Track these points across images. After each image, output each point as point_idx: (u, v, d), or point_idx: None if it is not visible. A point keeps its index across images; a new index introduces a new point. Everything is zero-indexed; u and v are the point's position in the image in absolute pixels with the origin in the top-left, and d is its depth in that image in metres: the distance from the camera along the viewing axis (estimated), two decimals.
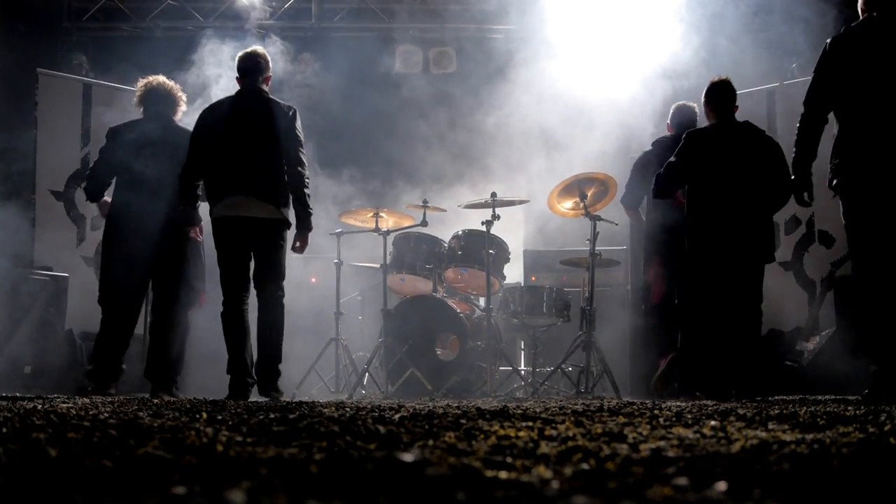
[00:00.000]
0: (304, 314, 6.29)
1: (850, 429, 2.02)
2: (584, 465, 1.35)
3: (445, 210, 6.52)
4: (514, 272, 7.24)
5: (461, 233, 6.37)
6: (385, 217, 6.32)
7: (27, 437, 1.73)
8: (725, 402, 4.04)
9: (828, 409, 2.97)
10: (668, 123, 5.81)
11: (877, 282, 3.91)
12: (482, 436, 1.84)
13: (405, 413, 2.79)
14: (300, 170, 4.71)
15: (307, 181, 4.75)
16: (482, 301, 6.47)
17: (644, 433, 1.93)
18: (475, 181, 7.76)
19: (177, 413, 2.79)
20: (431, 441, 1.72)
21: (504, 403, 4.09)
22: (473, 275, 6.33)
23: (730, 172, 4.58)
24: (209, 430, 1.92)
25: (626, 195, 5.73)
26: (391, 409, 3.12)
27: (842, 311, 5.89)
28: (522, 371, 6.67)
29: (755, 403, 3.91)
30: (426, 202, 6.13)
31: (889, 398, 3.73)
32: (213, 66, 6.97)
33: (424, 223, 6.13)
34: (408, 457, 1.40)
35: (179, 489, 1.06)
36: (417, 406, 3.59)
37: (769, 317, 6.40)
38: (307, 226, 4.76)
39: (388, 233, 6.26)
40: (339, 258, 6.48)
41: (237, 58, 4.90)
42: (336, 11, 8.83)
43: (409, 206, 6.39)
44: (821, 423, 2.21)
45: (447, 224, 6.80)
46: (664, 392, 5.02)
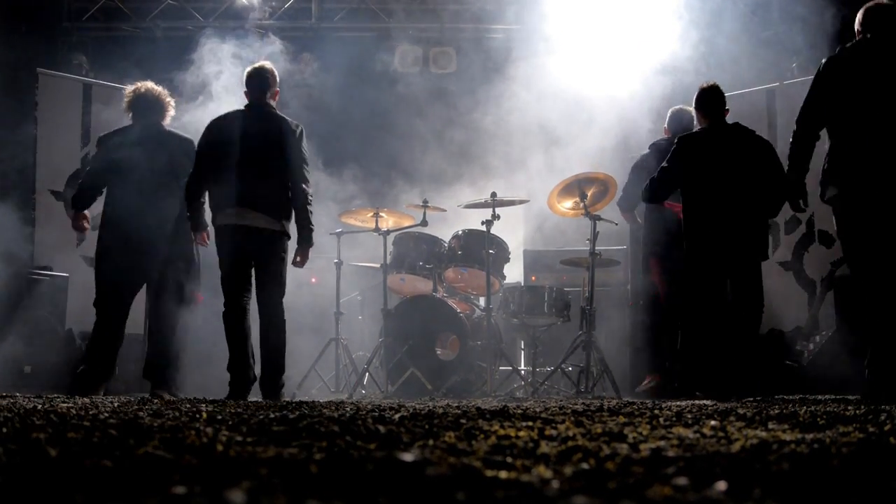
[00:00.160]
0: (305, 314, 6.28)
1: (850, 429, 2.02)
2: (584, 465, 1.36)
3: (445, 210, 6.52)
4: (514, 272, 7.23)
5: (461, 233, 6.37)
6: (385, 217, 6.31)
7: (27, 437, 1.73)
8: (725, 403, 4.06)
9: (828, 409, 2.97)
10: (665, 127, 5.86)
11: (873, 289, 4.05)
12: (482, 436, 1.84)
13: (405, 413, 2.79)
14: (304, 187, 4.80)
15: (310, 198, 4.84)
16: (482, 301, 6.46)
17: (644, 433, 1.93)
18: (475, 181, 7.76)
19: (177, 413, 2.79)
20: (431, 441, 1.72)
21: (504, 403, 4.09)
22: (473, 275, 6.33)
23: (722, 174, 4.65)
24: (209, 430, 1.92)
25: (623, 198, 5.80)
26: (391, 409, 3.12)
27: (842, 311, 5.90)
28: (522, 371, 6.67)
29: (755, 403, 3.91)
30: (426, 202, 6.13)
31: (886, 399, 3.83)
32: (213, 67, 6.97)
33: (424, 223, 6.12)
34: (408, 457, 1.40)
35: (179, 489, 1.06)
36: (417, 406, 3.59)
37: (769, 317, 6.40)
38: (308, 241, 4.85)
39: (388, 233, 6.26)
40: (339, 258, 6.48)
41: (245, 72, 4.98)
42: (336, 11, 8.83)
43: (409, 206, 6.38)
44: (821, 423, 2.21)
45: (447, 224, 6.80)
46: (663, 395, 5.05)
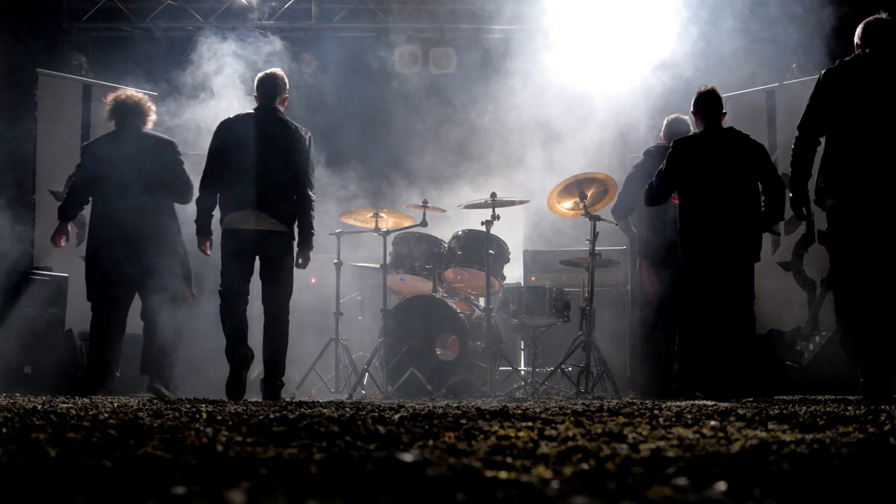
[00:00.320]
0: (304, 314, 6.27)
1: (850, 429, 2.02)
2: (584, 465, 1.36)
3: (445, 210, 6.51)
4: (514, 272, 7.22)
5: (461, 233, 6.37)
6: (385, 217, 6.31)
7: (27, 437, 1.73)
8: (724, 402, 4.07)
9: (828, 409, 2.97)
10: (661, 135, 5.93)
11: (857, 294, 4.18)
12: (482, 436, 1.84)
13: (405, 413, 2.79)
14: (310, 192, 4.93)
15: (314, 204, 4.98)
16: (482, 301, 6.46)
17: (644, 433, 1.93)
18: (475, 181, 7.75)
19: (177, 413, 2.79)
20: (431, 441, 1.72)
21: (504, 403, 4.09)
22: (473, 275, 6.33)
23: (717, 177, 4.76)
24: (209, 431, 1.92)
25: (616, 206, 5.89)
26: (391, 409, 3.12)
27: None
28: (522, 371, 6.66)
29: (755, 403, 3.91)
30: (426, 202, 6.13)
31: (880, 398, 3.94)
32: (214, 67, 6.96)
33: (424, 223, 6.12)
34: (408, 457, 1.40)
35: (179, 489, 1.06)
36: (417, 406, 3.59)
37: (769, 317, 6.42)
38: (309, 244, 4.97)
39: (388, 233, 6.25)
40: (339, 258, 6.47)
41: (257, 78, 5.07)
42: (336, 11, 8.82)
43: (409, 206, 6.38)
44: (821, 423, 2.21)
45: (447, 224, 6.80)
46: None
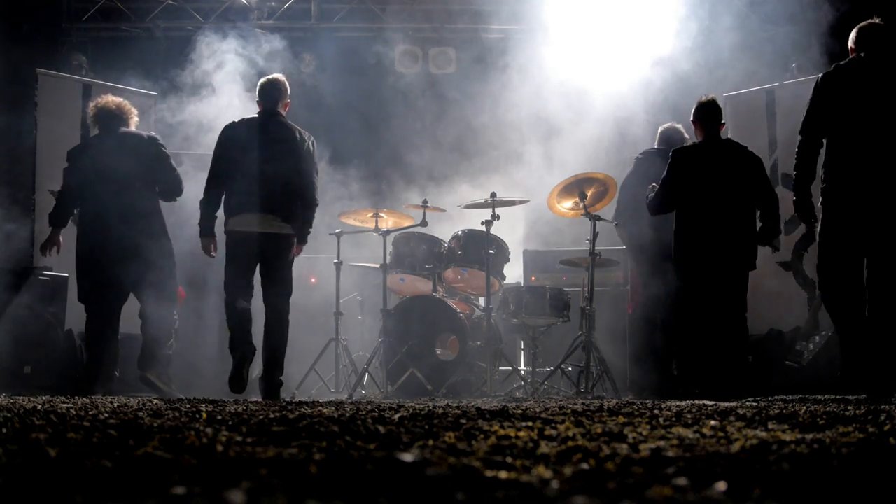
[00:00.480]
0: (304, 314, 6.27)
1: (850, 429, 2.02)
2: (584, 465, 1.36)
3: (445, 210, 6.51)
4: (514, 272, 7.22)
5: (461, 233, 6.36)
6: (385, 217, 6.30)
7: (27, 437, 1.73)
8: (725, 402, 4.08)
9: (828, 409, 2.97)
10: (655, 144, 6.03)
11: (839, 297, 4.28)
12: (482, 436, 1.84)
13: (405, 413, 2.79)
14: (314, 196, 5.09)
15: (316, 207, 5.14)
16: (482, 301, 6.45)
17: (644, 433, 1.93)
18: (475, 180, 7.76)
19: (177, 413, 2.79)
20: (431, 441, 1.72)
21: (504, 403, 4.09)
22: (473, 275, 6.32)
23: (715, 187, 4.88)
24: (209, 431, 1.92)
25: (617, 214, 5.97)
26: (391, 409, 3.12)
27: None
28: (522, 371, 6.66)
29: (755, 403, 3.91)
30: (426, 202, 6.12)
31: (860, 391, 4.15)
32: (214, 67, 6.97)
33: (424, 223, 6.12)
34: (408, 457, 1.40)
35: (179, 489, 1.06)
36: (417, 406, 3.59)
37: (769, 317, 6.42)
38: (305, 240, 5.15)
39: (388, 233, 6.25)
40: (339, 258, 6.47)
41: (259, 84, 5.18)
42: (335, 11, 8.82)
43: (409, 206, 6.38)
44: (821, 423, 2.21)
45: (447, 224, 6.80)
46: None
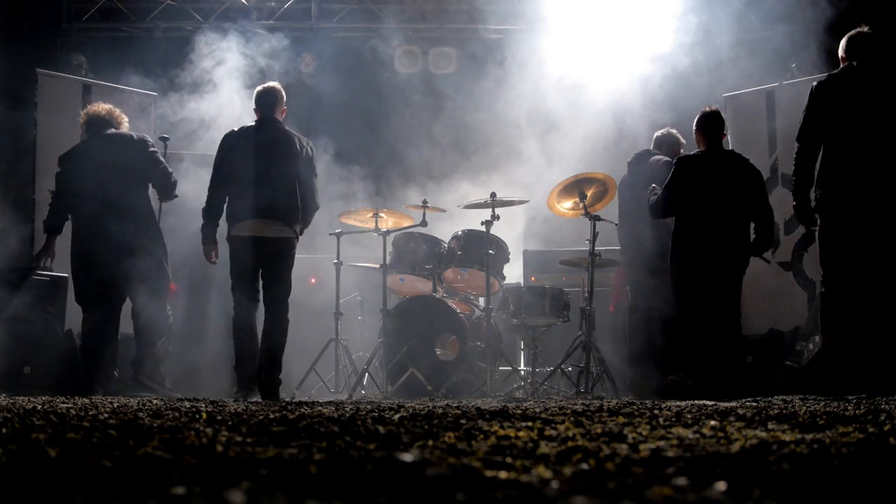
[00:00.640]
0: (304, 314, 6.28)
1: (850, 429, 2.02)
2: (584, 465, 1.36)
3: (445, 210, 6.51)
4: (514, 272, 7.22)
5: (461, 233, 6.36)
6: (385, 217, 6.30)
7: (27, 437, 1.73)
8: (725, 402, 4.11)
9: (828, 409, 2.97)
10: (651, 148, 6.13)
11: (841, 299, 4.44)
12: (482, 436, 1.84)
13: (405, 413, 2.79)
14: (315, 202, 5.22)
15: (316, 210, 5.27)
16: (482, 301, 6.46)
17: (644, 433, 1.93)
18: (475, 179, 7.76)
19: (177, 413, 2.79)
20: (431, 441, 1.72)
21: (504, 403, 4.08)
22: (473, 275, 6.32)
23: (715, 196, 5.01)
24: (209, 431, 1.92)
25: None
26: (391, 409, 3.12)
27: None
28: (522, 371, 6.66)
29: (755, 403, 3.91)
30: (426, 202, 6.12)
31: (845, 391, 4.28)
32: (213, 67, 6.96)
33: (424, 223, 6.12)
34: (408, 457, 1.40)
35: (179, 489, 1.06)
36: (417, 406, 3.59)
37: (769, 317, 6.42)
38: (300, 233, 5.28)
39: (388, 233, 6.25)
40: (339, 258, 6.47)
41: (255, 92, 5.28)
42: (335, 11, 8.82)
43: (409, 206, 6.38)
44: (821, 423, 2.21)
45: (447, 224, 6.80)
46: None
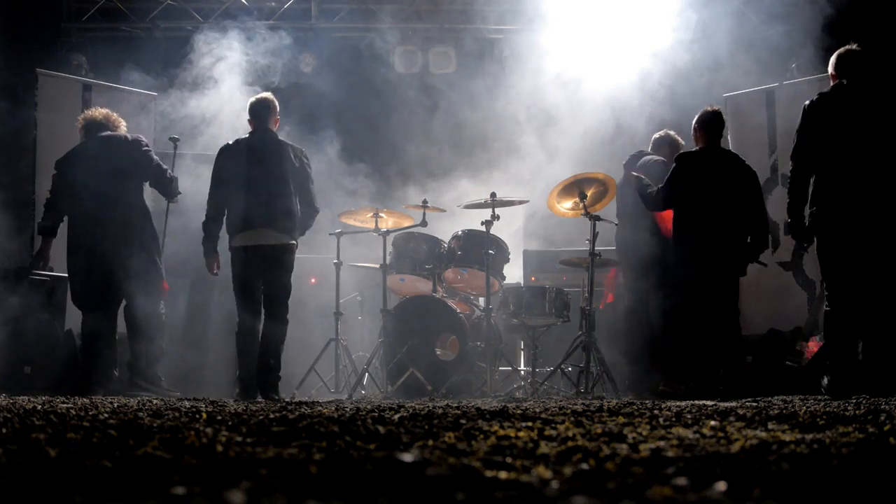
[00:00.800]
0: (304, 314, 6.28)
1: (850, 429, 2.02)
2: (584, 465, 1.36)
3: (445, 210, 6.51)
4: (514, 272, 7.22)
5: (461, 233, 6.36)
6: (385, 217, 6.30)
7: (27, 437, 1.73)
8: (714, 398, 4.16)
9: (828, 409, 2.97)
10: (650, 149, 6.15)
11: (842, 308, 4.58)
12: (482, 436, 1.84)
13: (405, 413, 2.79)
14: (315, 206, 5.34)
15: (317, 213, 5.39)
16: (482, 301, 6.46)
17: (644, 433, 1.93)
18: (475, 177, 7.77)
19: (177, 413, 2.79)
20: (431, 441, 1.72)
21: (504, 403, 4.08)
22: (473, 275, 6.32)
23: (714, 194, 5.11)
24: (209, 431, 1.92)
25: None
26: (391, 409, 3.12)
27: None
28: (522, 371, 6.66)
29: (755, 403, 3.91)
30: (426, 202, 6.12)
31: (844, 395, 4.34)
32: (213, 67, 6.96)
33: (424, 223, 6.12)
34: (408, 457, 1.40)
35: (179, 489, 1.06)
36: (417, 406, 3.59)
37: (769, 317, 6.41)
38: (301, 233, 5.38)
39: (388, 233, 6.25)
40: (339, 258, 6.46)
41: (249, 103, 5.40)
42: (336, 11, 8.82)
43: (409, 206, 6.38)
44: (821, 423, 2.21)
45: (447, 224, 6.80)
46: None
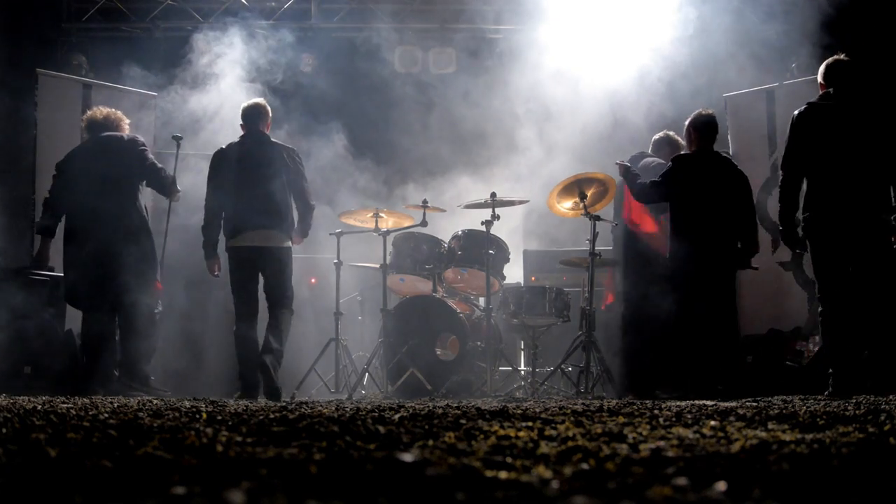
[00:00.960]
0: (304, 314, 6.28)
1: (850, 429, 2.02)
2: (584, 465, 1.36)
3: (445, 210, 6.51)
4: (514, 272, 7.22)
5: (461, 233, 6.36)
6: (385, 217, 6.30)
7: (27, 437, 1.73)
8: (714, 398, 4.17)
9: (828, 409, 2.97)
10: (650, 150, 6.16)
11: (835, 308, 4.71)
12: (482, 436, 1.84)
13: (405, 413, 2.79)
14: (310, 201, 5.42)
15: (313, 209, 5.47)
16: (482, 301, 6.46)
17: (644, 433, 1.93)
18: (475, 175, 7.77)
19: (177, 413, 2.79)
20: (431, 441, 1.72)
21: (504, 403, 4.09)
22: (473, 275, 6.32)
23: (708, 196, 5.20)
24: (209, 431, 1.92)
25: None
26: (391, 409, 3.12)
27: None
28: (522, 371, 6.66)
29: (755, 403, 3.91)
30: (426, 202, 6.12)
31: (847, 394, 4.44)
32: (213, 67, 6.96)
33: (424, 223, 6.12)
34: (408, 457, 1.40)
35: (179, 489, 1.06)
36: (417, 406, 3.59)
37: (769, 317, 6.41)
38: (305, 234, 5.50)
39: (388, 233, 6.25)
40: (339, 258, 6.46)
41: (242, 108, 5.50)
42: (336, 11, 8.82)
43: (409, 206, 6.38)
44: (821, 423, 2.21)
45: (447, 223, 6.80)
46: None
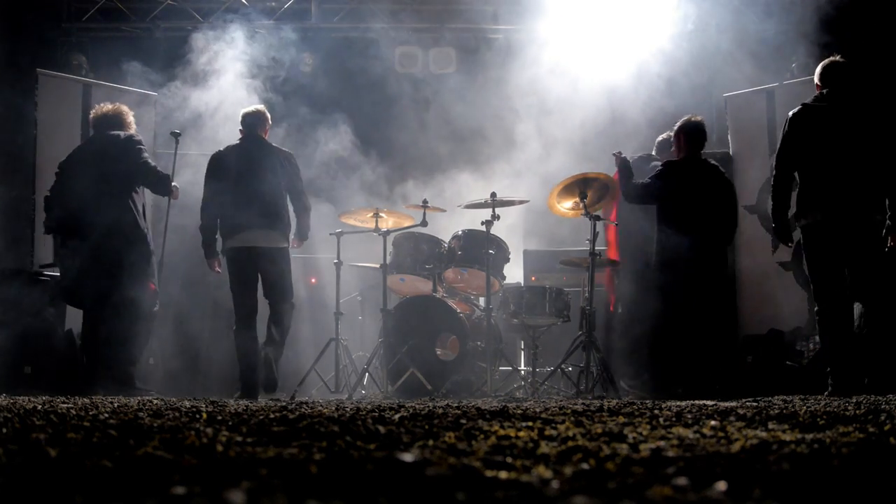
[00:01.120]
0: (304, 314, 6.28)
1: (850, 429, 2.02)
2: (584, 465, 1.36)
3: (445, 210, 6.51)
4: (514, 272, 7.22)
5: (461, 233, 6.36)
6: (385, 217, 6.29)
7: (27, 437, 1.73)
8: (712, 398, 4.20)
9: (828, 409, 2.97)
10: (654, 153, 6.35)
11: (831, 308, 4.82)
12: (482, 436, 1.84)
13: (405, 413, 2.79)
14: (306, 201, 5.59)
15: (310, 210, 5.62)
16: (482, 301, 6.45)
17: (644, 433, 1.93)
18: (475, 180, 7.76)
19: (177, 413, 2.79)
20: (431, 441, 1.72)
21: (504, 403, 4.08)
22: (473, 275, 6.32)
23: (696, 202, 5.41)
24: (209, 431, 1.92)
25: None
26: (391, 409, 3.12)
27: None
28: (522, 371, 6.66)
29: (755, 403, 3.91)
30: (426, 202, 6.11)
31: (846, 393, 4.55)
32: (213, 66, 6.97)
33: (424, 223, 6.12)
34: (408, 457, 1.40)
35: (179, 489, 1.06)
36: (417, 406, 3.59)
37: (769, 317, 6.42)
38: (305, 236, 5.66)
39: (388, 233, 6.25)
40: (339, 258, 6.46)
41: (242, 114, 5.63)
42: (336, 11, 8.82)
43: (409, 206, 6.38)
44: (821, 423, 2.21)
45: (447, 223, 6.80)
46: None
